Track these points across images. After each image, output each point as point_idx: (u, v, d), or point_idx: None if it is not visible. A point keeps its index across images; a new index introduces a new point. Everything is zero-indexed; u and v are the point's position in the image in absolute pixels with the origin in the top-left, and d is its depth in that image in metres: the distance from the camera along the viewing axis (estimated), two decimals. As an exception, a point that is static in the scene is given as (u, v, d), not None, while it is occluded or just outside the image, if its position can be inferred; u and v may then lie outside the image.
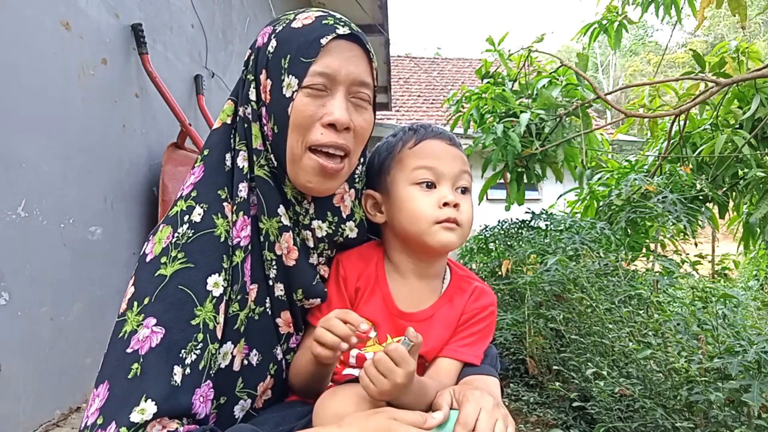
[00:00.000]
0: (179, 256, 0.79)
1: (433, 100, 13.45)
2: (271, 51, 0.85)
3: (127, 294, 0.79)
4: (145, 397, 0.70)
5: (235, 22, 3.76)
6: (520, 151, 3.17)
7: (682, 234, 2.81)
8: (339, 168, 0.85)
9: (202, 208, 0.83)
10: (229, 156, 0.88)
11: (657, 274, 2.35)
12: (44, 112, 1.89)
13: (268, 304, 0.89)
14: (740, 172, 3.06)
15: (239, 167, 0.87)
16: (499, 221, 3.67)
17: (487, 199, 3.98)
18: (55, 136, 1.94)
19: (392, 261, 0.96)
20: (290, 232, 0.89)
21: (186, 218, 0.82)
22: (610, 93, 3.32)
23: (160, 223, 0.84)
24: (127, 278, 0.82)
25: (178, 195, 0.87)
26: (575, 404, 1.87)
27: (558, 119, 3.27)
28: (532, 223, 3.37)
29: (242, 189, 0.87)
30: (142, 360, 0.72)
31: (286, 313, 0.91)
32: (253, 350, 0.87)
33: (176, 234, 0.81)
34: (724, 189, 3.10)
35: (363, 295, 0.93)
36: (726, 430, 1.54)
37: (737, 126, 3.04)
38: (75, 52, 2.06)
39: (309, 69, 0.82)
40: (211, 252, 0.81)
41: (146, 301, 0.76)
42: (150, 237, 0.83)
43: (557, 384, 2.09)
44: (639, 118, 3.43)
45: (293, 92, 0.82)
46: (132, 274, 0.81)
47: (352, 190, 0.96)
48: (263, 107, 0.87)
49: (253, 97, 0.88)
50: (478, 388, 0.82)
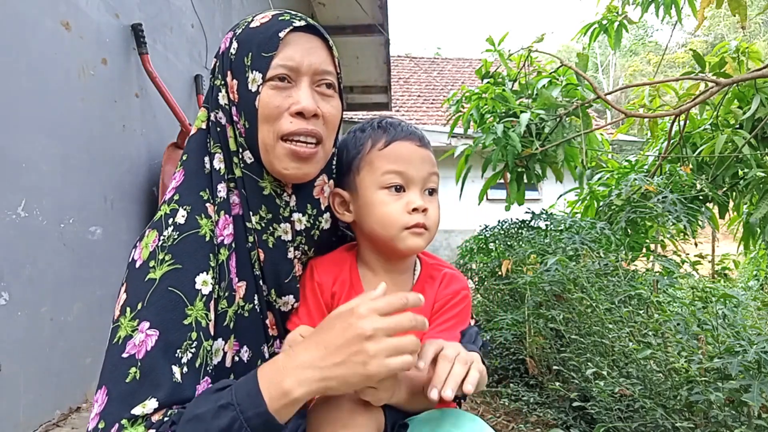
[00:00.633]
0: (166, 258, 0.80)
1: (433, 100, 13.46)
2: (233, 52, 0.88)
3: (119, 300, 0.80)
4: (150, 397, 0.72)
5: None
6: (520, 151, 3.17)
7: (682, 234, 2.81)
8: (313, 152, 0.86)
9: (185, 210, 0.85)
10: (207, 159, 0.91)
11: (657, 274, 2.35)
12: (44, 112, 1.89)
13: (256, 301, 0.90)
14: (740, 172, 3.06)
15: (216, 169, 0.90)
16: (499, 221, 3.67)
17: (487, 199, 3.98)
18: (55, 136, 1.94)
19: (364, 260, 0.97)
20: (264, 234, 0.90)
21: (170, 221, 0.84)
22: (610, 93, 3.33)
23: (146, 229, 0.86)
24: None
25: (162, 200, 0.89)
26: (575, 404, 1.87)
27: (558, 119, 3.27)
28: (532, 223, 3.37)
29: (221, 189, 0.89)
30: (140, 364, 0.73)
31: (271, 314, 0.93)
32: (243, 347, 0.88)
33: (162, 237, 0.82)
34: (724, 189, 3.10)
35: (340, 299, 0.93)
36: (726, 430, 1.54)
37: (737, 126, 3.04)
38: (75, 52, 2.06)
39: (271, 62, 0.84)
40: (198, 251, 0.82)
41: (139, 306, 0.77)
42: (137, 243, 0.85)
43: (557, 384, 2.09)
44: (639, 118, 3.43)
45: (258, 86, 0.84)
46: (123, 281, 0.82)
47: (331, 181, 0.97)
48: (233, 107, 0.89)
49: (223, 101, 0.90)
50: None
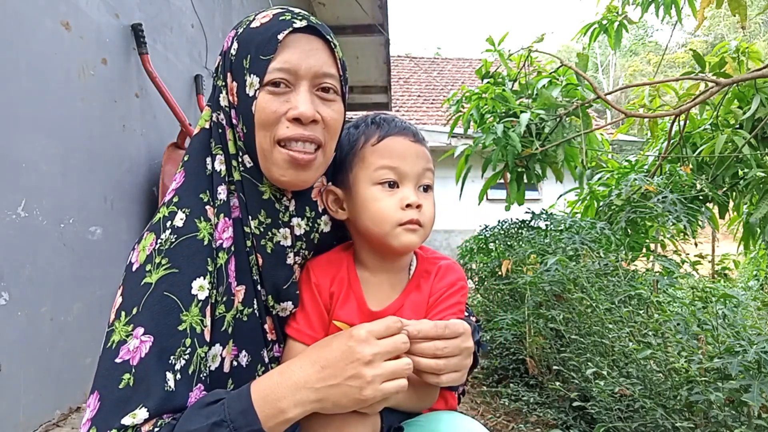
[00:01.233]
0: (163, 262, 0.79)
1: (433, 100, 13.46)
2: (234, 53, 0.86)
3: (115, 304, 0.79)
4: (141, 406, 0.70)
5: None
6: (520, 151, 3.17)
7: (682, 234, 2.81)
8: (310, 158, 0.84)
9: (184, 212, 0.83)
10: (209, 160, 0.89)
11: (657, 274, 2.35)
12: (44, 112, 1.89)
13: (255, 306, 0.88)
14: (740, 172, 3.06)
15: (217, 171, 0.88)
16: (499, 221, 3.67)
17: (487, 199, 3.98)
18: (55, 136, 1.94)
19: (360, 258, 0.96)
20: (262, 239, 0.88)
21: (168, 224, 0.82)
22: (610, 93, 3.32)
23: (144, 231, 0.84)
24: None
25: (161, 202, 0.87)
26: (575, 404, 1.87)
27: (558, 119, 3.27)
28: (532, 223, 3.36)
29: (221, 192, 0.87)
30: (134, 371, 0.72)
31: (270, 319, 0.91)
32: (242, 351, 0.87)
33: (159, 240, 0.81)
34: (724, 189, 3.10)
35: (338, 299, 0.93)
36: (726, 430, 1.54)
37: (737, 126, 3.04)
38: (75, 52, 2.06)
39: (268, 66, 0.82)
40: (195, 255, 0.81)
41: (134, 311, 0.76)
42: (135, 246, 0.83)
43: (557, 384, 2.09)
44: (639, 118, 3.43)
45: (255, 91, 0.82)
46: (120, 283, 0.81)
47: (330, 183, 0.96)
48: (232, 110, 0.87)
49: (223, 102, 0.88)
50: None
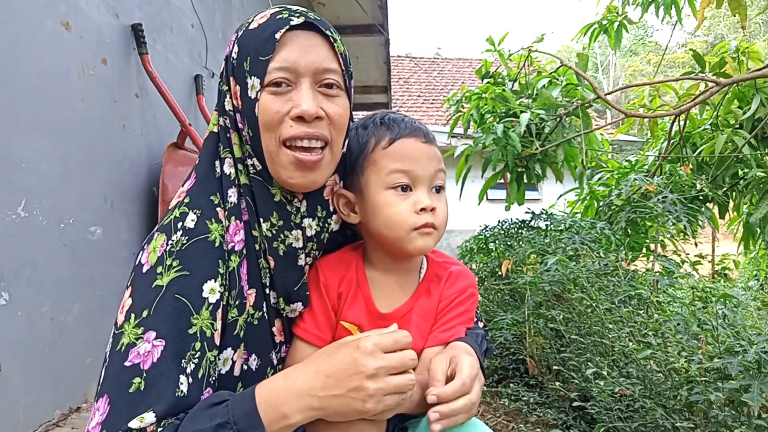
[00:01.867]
0: (174, 264, 0.78)
1: (433, 100, 13.46)
2: (235, 57, 0.85)
3: (124, 305, 0.78)
4: (150, 410, 0.70)
5: (235, 22, 3.76)
6: (520, 151, 3.17)
7: (682, 234, 2.81)
8: (317, 159, 0.83)
9: (195, 214, 0.82)
10: (218, 163, 0.88)
11: (657, 274, 2.35)
12: (44, 112, 1.89)
13: (264, 309, 0.88)
14: (740, 172, 3.06)
15: (227, 174, 0.87)
16: (499, 221, 3.66)
17: (487, 199, 3.98)
18: (55, 136, 1.94)
19: (370, 258, 0.95)
20: (274, 242, 0.87)
21: (179, 225, 0.81)
22: (610, 93, 3.32)
23: (154, 231, 0.83)
24: (127, 278, 0.82)
25: (173, 204, 0.86)
26: (575, 404, 1.86)
27: (558, 119, 3.27)
28: (532, 223, 3.36)
29: (232, 195, 0.86)
30: (145, 375, 0.72)
31: (279, 321, 0.91)
32: (252, 355, 0.87)
33: (170, 241, 0.80)
34: (724, 189, 3.10)
35: (346, 299, 0.92)
36: (726, 430, 1.54)
37: (737, 126, 3.04)
38: (75, 52, 2.06)
39: (268, 66, 0.81)
40: (206, 258, 0.80)
41: (144, 313, 0.75)
42: (144, 246, 0.82)
43: (557, 384, 2.09)
44: (639, 118, 3.43)
45: (257, 92, 0.82)
46: (128, 284, 0.80)
47: (342, 181, 0.95)
48: (237, 114, 0.86)
49: (228, 106, 0.88)
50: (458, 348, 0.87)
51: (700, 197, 2.95)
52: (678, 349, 1.75)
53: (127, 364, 0.72)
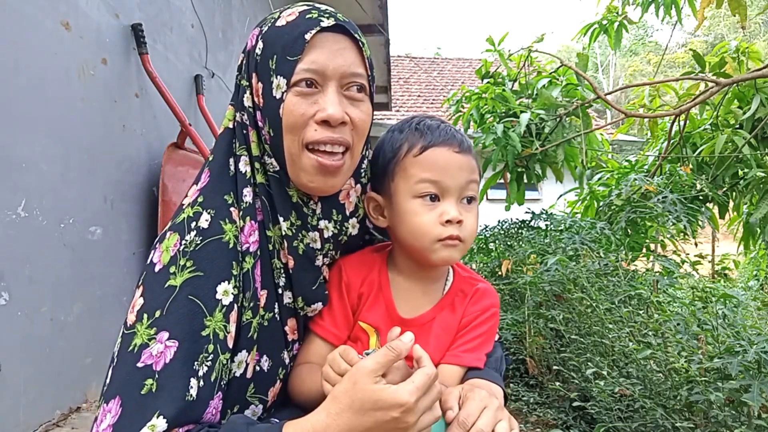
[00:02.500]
0: (188, 264, 0.77)
1: (433, 100, 13.45)
2: (259, 53, 0.83)
3: (135, 305, 0.76)
4: (158, 414, 0.69)
5: (235, 22, 3.76)
6: (520, 151, 3.17)
7: (682, 234, 2.81)
8: (339, 164, 0.82)
9: (209, 213, 0.81)
10: (233, 161, 0.87)
11: (657, 274, 2.35)
12: (44, 112, 1.89)
13: (276, 310, 0.87)
14: (740, 172, 3.06)
15: (242, 172, 0.85)
16: (499, 221, 3.66)
17: (487, 199, 3.99)
18: (55, 136, 1.94)
19: (396, 263, 0.95)
20: (294, 241, 0.86)
21: (193, 225, 0.80)
22: (610, 93, 3.33)
23: (167, 231, 0.82)
24: (127, 278, 0.81)
25: (186, 202, 0.85)
26: (575, 404, 1.87)
27: (558, 119, 3.27)
28: (532, 223, 3.36)
29: (247, 194, 0.85)
30: (157, 376, 0.70)
31: (293, 320, 0.90)
32: (263, 356, 0.86)
33: (184, 241, 0.79)
34: (724, 189, 3.10)
35: (366, 301, 0.92)
36: (726, 430, 1.54)
37: (737, 126, 3.04)
38: (75, 52, 2.06)
39: (296, 67, 0.79)
40: (220, 259, 0.79)
41: (157, 314, 0.74)
42: (156, 245, 0.81)
43: (557, 384, 2.09)
44: (639, 118, 3.43)
45: (283, 93, 0.80)
46: (139, 283, 0.79)
47: (358, 185, 0.94)
48: (258, 111, 0.85)
49: (248, 102, 0.86)
50: (483, 389, 0.80)
51: (700, 197, 2.95)
52: (678, 349, 1.75)
53: (140, 365, 0.71)
